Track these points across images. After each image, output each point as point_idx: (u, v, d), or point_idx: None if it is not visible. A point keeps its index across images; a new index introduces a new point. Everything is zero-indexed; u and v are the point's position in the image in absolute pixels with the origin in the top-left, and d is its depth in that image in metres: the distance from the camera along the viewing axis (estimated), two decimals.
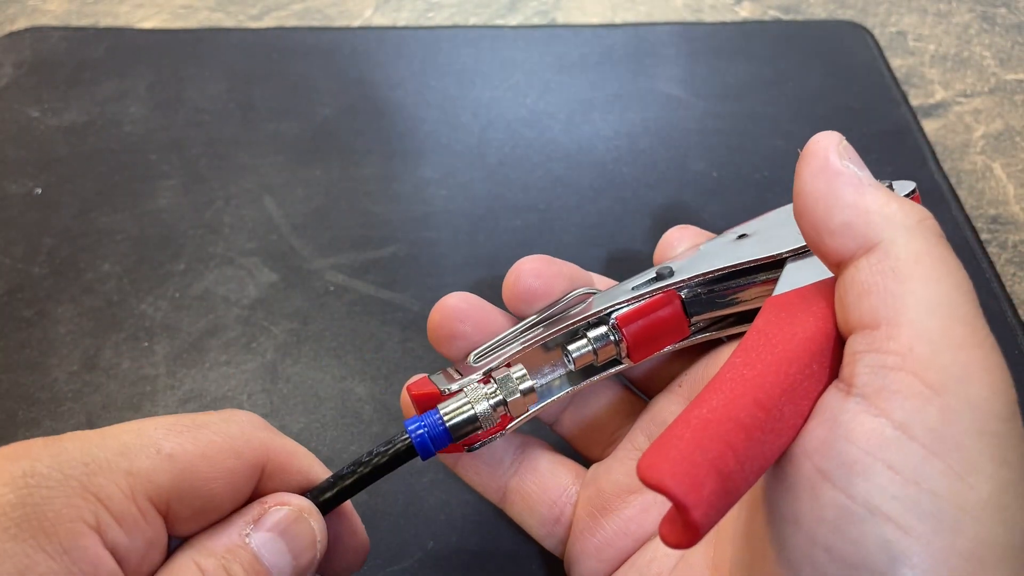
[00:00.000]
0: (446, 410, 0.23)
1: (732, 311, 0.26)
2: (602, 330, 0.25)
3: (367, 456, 0.23)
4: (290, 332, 0.37)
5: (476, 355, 0.25)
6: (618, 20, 0.58)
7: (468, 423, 0.23)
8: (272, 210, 0.43)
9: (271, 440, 0.21)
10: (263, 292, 0.39)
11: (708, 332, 0.26)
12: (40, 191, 0.44)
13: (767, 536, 0.18)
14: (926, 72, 0.54)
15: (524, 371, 0.24)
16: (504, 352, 0.25)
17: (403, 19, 0.59)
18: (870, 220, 0.19)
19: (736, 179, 0.44)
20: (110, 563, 0.18)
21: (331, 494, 0.22)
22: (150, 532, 0.19)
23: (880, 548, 0.15)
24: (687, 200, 0.43)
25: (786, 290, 0.21)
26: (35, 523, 0.17)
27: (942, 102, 0.52)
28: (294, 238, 0.41)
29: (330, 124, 0.48)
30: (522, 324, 0.26)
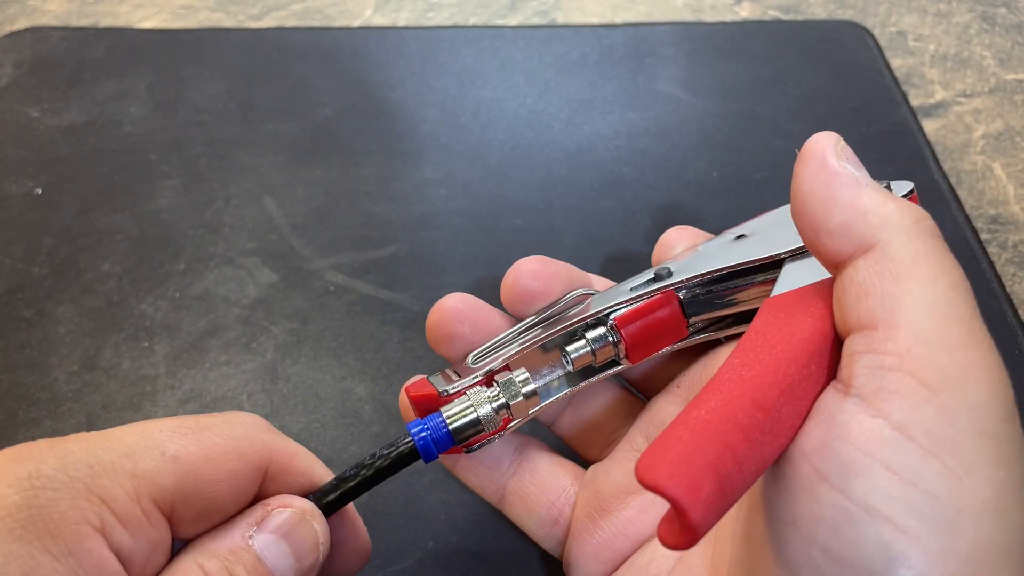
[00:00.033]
0: (449, 413, 0.24)
1: (730, 312, 0.26)
2: (600, 331, 0.25)
3: (370, 459, 0.23)
4: (290, 332, 0.37)
5: (475, 356, 0.25)
6: (618, 20, 0.58)
7: (471, 426, 0.23)
8: (272, 210, 0.43)
9: (274, 442, 0.21)
10: (263, 292, 0.39)
11: (706, 333, 0.26)
12: (40, 191, 0.44)
13: (765, 537, 0.18)
14: (926, 72, 0.54)
15: (527, 374, 0.24)
16: (502, 353, 0.25)
17: (403, 19, 0.59)
18: (867, 221, 0.19)
19: (736, 179, 0.44)
20: (114, 565, 0.18)
21: (334, 496, 0.22)
22: (154, 534, 0.19)
23: (878, 549, 0.15)
24: (687, 200, 0.43)
25: (784, 291, 0.21)
26: (40, 525, 0.17)
27: (942, 102, 0.52)
28: (294, 238, 0.42)
29: (330, 124, 0.48)
30: (520, 325, 0.26)
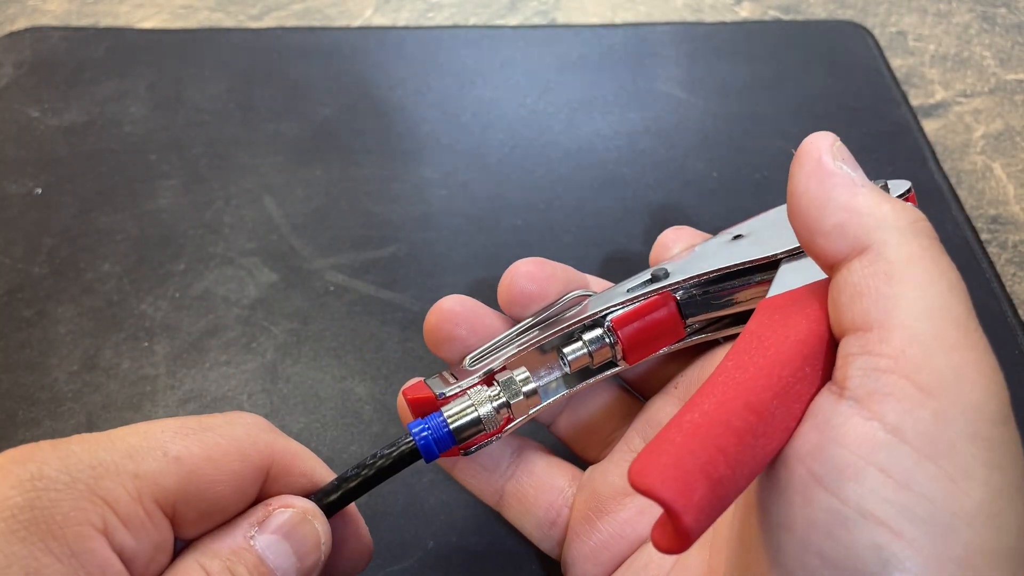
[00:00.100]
0: (450, 412, 0.24)
1: (728, 312, 0.26)
2: (597, 332, 0.25)
3: (371, 458, 0.23)
4: (290, 332, 0.37)
5: (472, 358, 0.25)
6: (618, 20, 0.58)
7: (472, 425, 0.24)
8: (272, 210, 0.43)
9: (276, 442, 0.21)
10: (263, 292, 0.39)
11: (704, 333, 0.26)
12: (40, 191, 0.44)
13: (760, 540, 0.18)
14: (926, 72, 0.54)
15: (527, 373, 0.24)
16: (500, 355, 0.25)
17: (403, 19, 0.59)
18: (862, 222, 0.19)
19: (736, 179, 0.44)
20: (117, 565, 0.18)
21: (335, 496, 0.22)
22: (156, 535, 0.19)
23: (872, 552, 0.15)
24: (687, 200, 0.43)
25: (780, 292, 0.21)
26: (43, 526, 0.17)
27: (942, 102, 0.51)
28: (294, 238, 0.42)
29: (330, 124, 0.48)
30: (518, 327, 0.26)
